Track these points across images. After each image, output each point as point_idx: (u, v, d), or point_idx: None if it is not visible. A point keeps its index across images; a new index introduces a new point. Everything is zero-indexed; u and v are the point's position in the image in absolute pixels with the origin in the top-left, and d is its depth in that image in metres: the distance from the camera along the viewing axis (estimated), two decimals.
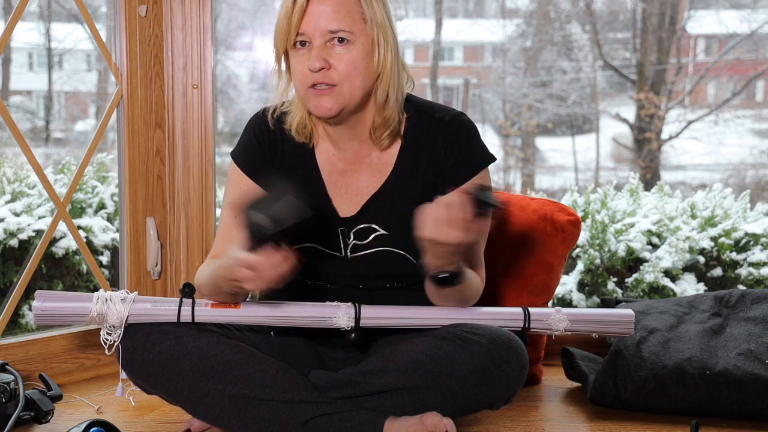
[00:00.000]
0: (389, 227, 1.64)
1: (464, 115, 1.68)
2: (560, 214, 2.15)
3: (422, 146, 1.65)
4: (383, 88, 1.59)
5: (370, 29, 1.55)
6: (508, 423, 1.83)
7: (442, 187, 1.62)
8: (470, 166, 1.65)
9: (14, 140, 2.02)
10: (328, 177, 1.68)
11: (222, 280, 1.53)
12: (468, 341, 1.54)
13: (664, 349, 1.92)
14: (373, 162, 1.67)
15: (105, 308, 1.56)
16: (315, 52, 1.53)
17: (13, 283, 2.37)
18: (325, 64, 1.53)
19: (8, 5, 5.84)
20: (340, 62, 1.53)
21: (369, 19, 1.54)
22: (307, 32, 1.54)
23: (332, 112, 1.56)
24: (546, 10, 8.53)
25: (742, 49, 7.83)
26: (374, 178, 1.67)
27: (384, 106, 1.60)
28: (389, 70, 1.58)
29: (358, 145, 1.66)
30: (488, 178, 1.69)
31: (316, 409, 1.52)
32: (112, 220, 3.20)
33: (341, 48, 1.53)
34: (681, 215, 3.12)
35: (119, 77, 2.20)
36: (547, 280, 2.13)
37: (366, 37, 1.55)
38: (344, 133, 1.65)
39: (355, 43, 1.54)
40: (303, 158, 1.68)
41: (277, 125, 1.69)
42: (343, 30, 1.52)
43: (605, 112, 8.61)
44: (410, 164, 1.65)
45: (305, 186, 1.67)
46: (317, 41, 1.53)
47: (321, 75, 1.54)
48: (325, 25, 1.52)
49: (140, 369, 1.58)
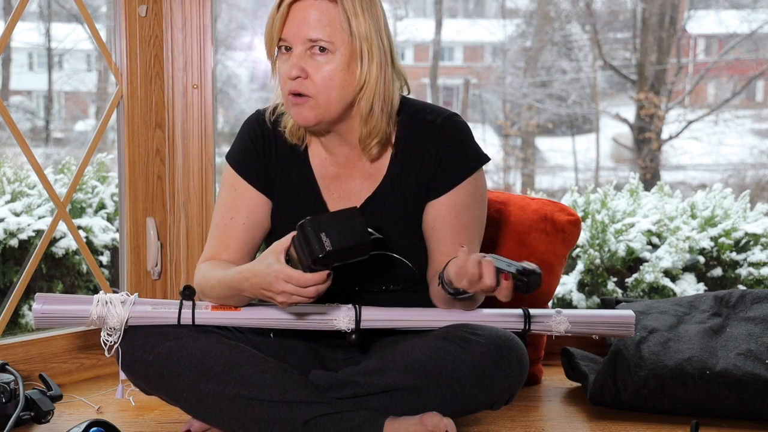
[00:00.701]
0: (383, 231, 1.64)
1: (456, 116, 1.66)
2: (560, 214, 2.15)
3: (413, 151, 1.64)
4: (367, 100, 1.56)
5: (352, 41, 1.52)
6: (508, 423, 1.83)
7: (435, 190, 1.62)
8: (463, 168, 1.63)
9: (14, 140, 2.02)
10: (321, 180, 1.68)
11: (252, 287, 1.49)
12: (468, 341, 1.54)
13: (664, 349, 1.92)
14: (365, 167, 1.66)
15: (105, 311, 1.56)
16: (293, 60, 1.53)
17: (13, 283, 2.37)
18: (302, 72, 1.52)
19: (8, 5, 5.84)
20: (317, 73, 1.52)
21: (353, 31, 1.52)
22: (288, 38, 1.53)
23: (309, 122, 1.56)
24: (546, 10, 8.53)
25: (742, 49, 7.82)
26: (367, 182, 1.66)
27: (368, 118, 1.58)
28: (373, 82, 1.55)
29: (349, 150, 1.66)
30: (483, 179, 1.68)
31: (316, 409, 1.52)
32: (112, 220, 3.20)
33: (321, 57, 1.52)
34: (681, 215, 3.12)
35: (119, 77, 2.20)
36: (548, 280, 2.13)
37: (347, 48, 1.52)
38: (333, 139, 1.65)
39: (335, 53, 1.52)
40: (297, 161, 1.68)
41: (273, 127, 1.68)
42: (322, 40, 1.51)
43: (605, 112, 8.60)
44: (402, 168, 1.65)
45: (300, 189, 1.67)
46: (297, 48, 1.53)
47: (297, 83, 1.53)
48: (305, 33, 1.51)
49: (140, 370, 1.57)
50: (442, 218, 1.63)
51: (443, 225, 1.63)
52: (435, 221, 1.64)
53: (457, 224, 1.63)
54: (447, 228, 1.63)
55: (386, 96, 1.57)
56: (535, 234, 2.12)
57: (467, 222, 1.64)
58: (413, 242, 1.66)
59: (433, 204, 1.64)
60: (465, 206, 1.63)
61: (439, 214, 1.63)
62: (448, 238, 1.63)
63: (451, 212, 1.63)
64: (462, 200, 1.63)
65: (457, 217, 1.63)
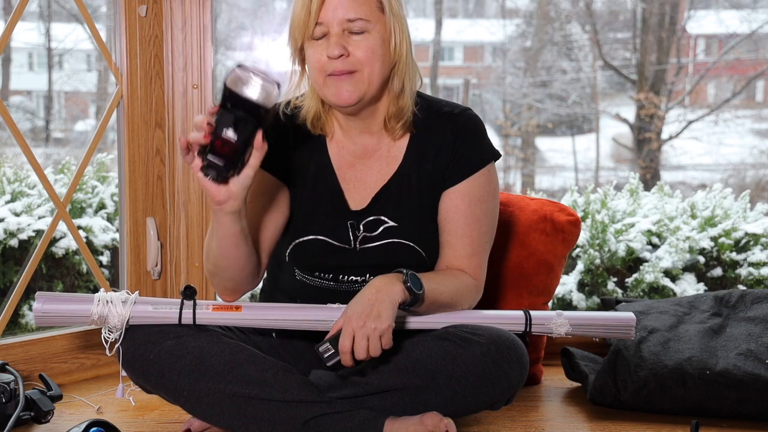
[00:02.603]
0: (399, 219, 1.65)
1: (472, 111, 1.70)
2: (560, 214, 2.15)
3: (431, 138, 1.66)
4: (399, 77, 1.61)
5: (386, 18, 1.57)
6: (508, 423, 1.83)
7: (451, 178, 1.65)
8: (478, 158, 1.66)
9: (14, 140, 2.02)
10: (338, 170, 1.69)
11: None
12: (468, 341, 1.54)
13: (664, 349, 1.92)
14: (382, 154, 1.68)
15: (106, 311, 1.56)
16: (334, 40, 1.54)
17: (13, 283, 2.37)
18: (344, 51, 1.54)
19: (8, 5, 5.84)
20: (358, 49, 1.55)
21: (385, 8, 1.57)
22: (325, 21, 1.55)
23: (352, 99, 1.57)
24: (546, 10, 8.53)
25: (742, 49, 7.82)
26: (383, 170, 1.67)
27: (399, 96, 1.62)
28: (404, 59, 1.60)
29: (369, 138, 1.68)
30: (496, 175, 1.70)
31: (316, 408, 1.52)
32: (112, 220, 3.20)
33: (358, 37, 1.55)
34: (681, 215, 3.12)
35: (119, 77, 2.20)
36: (547, 280, 2.13)
37: (382, 25, 1.57)
38: (357, 125, 1.66)
39: (372, 31, 1.55)
40: (315, 150, 1.69)
41: (288, 118, 1.69)
42: (360, 18, 1.54)
43: (605, 112, 8.61)
44: (419, 156, 1.66)
45: (317, 176, 1.67)
46: (335, 29, 1.55)
47: (340, 62, 1.55)
48: (342, 14, 1.54)
49: (141, 368, 1.57)
50: (456, 207, 1.65)
51: (457, 215, 1.65)
52: (449, 210, 1.66)
53: (470, 215, 1.65)
54: (460, 218, 1.65)
55: (413, 75, 1.63)
56: (534, 234, 2.12)
57: (480, 214, 1.66)
58: (428, 231, 1.67)
59: (447, 193, 1.66)
60: (478, 197, 1.66)
61: (454, 203, 1.65)
62: (459, 228, 1.65)
63: (465, 201, 1.65)
64: (476, 190, 1.65)
65: (470, 207, 1.65)
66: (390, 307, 1.47)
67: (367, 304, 1.47)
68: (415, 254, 1.66)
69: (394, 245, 1.65)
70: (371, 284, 1.51)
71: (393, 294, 1.49)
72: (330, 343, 1.48)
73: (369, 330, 1.44)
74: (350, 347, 1.45)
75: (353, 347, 1.45)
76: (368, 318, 1.45)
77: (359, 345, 1.44)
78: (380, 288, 1.49)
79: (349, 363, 1.46)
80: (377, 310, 1.46)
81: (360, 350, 1.45)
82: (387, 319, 1.45)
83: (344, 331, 1.46)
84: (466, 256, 1.66)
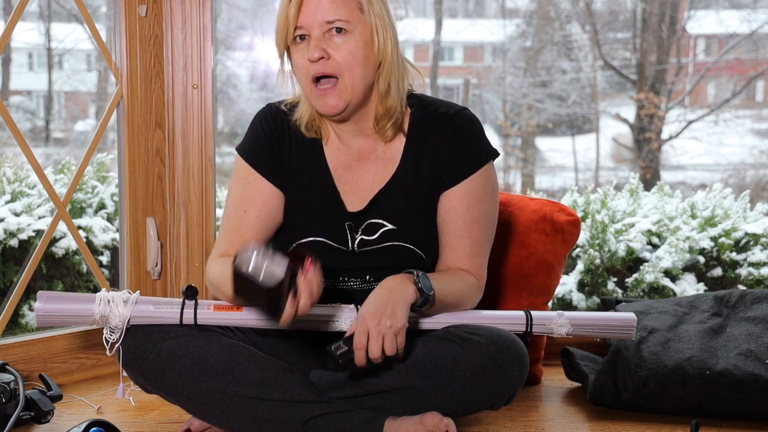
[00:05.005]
0: (397, 222, 1.65)
1: (468, 110, 1.69)
2: (560, 215, 2.15)
3: (426, 140, 1.66)
4: (385, 77, 1.60)
5: (367, 18, 1.56)
6: (508, 423, 1.83)
7: (448, 180, 1.64)
8: (476, 159, 1.66)
9: (14, 140, 2.02)
10: (335, 171, 1.69)
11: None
12: (468, 341, 1.54)
13: (664, 349, 1.92)
14: (378, 157, 1.68)
15: (107, 310, 1.56)
16: (313, 43, 1.55)
17: (13, 283, 2.37)
18: (324, 53, 1.54)
19: (8, 5, 5.84)
20: (339, 52, 1.55)
21: (366, 9, 1.56)
22: (304, 25, 1.55)
23: (338, 109, 1.57)
24: (546, 10, 8.53)
25: (742, 49, 7.82)
26: (380, 173, 1.67)
27: (386, 96, 1.62)
28: (390, 58, 1.59)
29: (363, 140, 1.67)
30: (494, 174, 1.70)
31: (316, 408, 1.52)
32: (112, 220, 3.20)
33: (339, 38, 1.55)
34: (681, 215, 3.12)
35: (119, 77, 2.20)
36: (547, 280, 2.13)
37: (364, 26, 1.56)
38: (349, 129, 1.66)
39: (353, 32, 1.55)
40: (311, 152, 1.69)
41: (286, 119, 1.69)
42: (339, 20, 1.54)
43: (605, 112, 8.61)
44: (415, 159, 1.66)
45: (313, 180, 1.67)
46: (315, 32, 1.55)
47: (321, 65, 1.55)
48: (321, 16, 1.54)
49: (141, 368, 1.57)
50: (455, 209, 1.65)
51: (455, 216, 1.65)
52: (447, 212, 1.66)
53: (469, 216, 1.65)
54: (459, 219, 1.65)
55: (400, 74, 1.62)
56: (534, 234, 2.12)
57: (479, 215, 1.66)
58: (426, 233, 1.67)
59: (446, 195, 1.66)
60: (477, 198, 1.65)
61: (452, 205, 1.65)
62: (458, 230, 1.65)
63: (464, 203, 1.65)
64: (474, 192, 1.65)
65: (469, 209, 1.65)
66: (404, 306, 1.47)
67: (381, 303, 1.47)
68: (415, 256, 1.66)
69: (393, 248, 1.65)
70: (384, 284, 1.51)
71: (406, 294, 1.49)
72: (344, 342, 1.48)
73: (384, 328, 1.44)
74: (365, 344, 1.45)
75: (368, 345, 1.45)
76: (383, 316, 1.45)
77: (374, 342, 1.44)
78: (393, 288, 1.50)
79: (362, 362, 1.46)
80: (392, 308, 1.46)
81: (374, 348, 1.44)
82: (402, 317, 1.46)
83: (359, 329, 1.46)
84: (466, 257, 1.66)
